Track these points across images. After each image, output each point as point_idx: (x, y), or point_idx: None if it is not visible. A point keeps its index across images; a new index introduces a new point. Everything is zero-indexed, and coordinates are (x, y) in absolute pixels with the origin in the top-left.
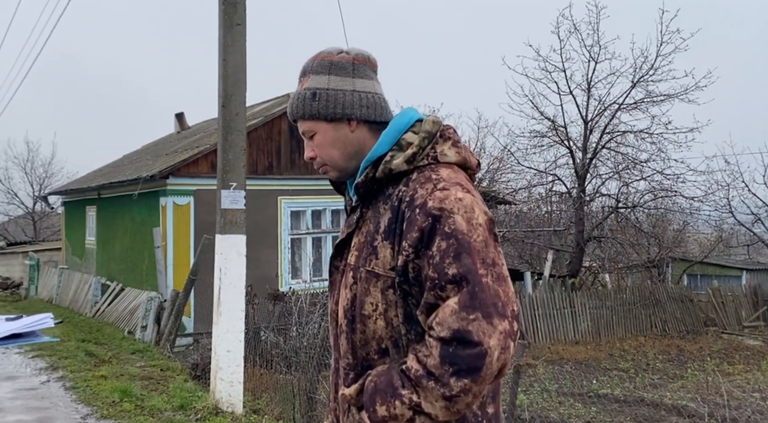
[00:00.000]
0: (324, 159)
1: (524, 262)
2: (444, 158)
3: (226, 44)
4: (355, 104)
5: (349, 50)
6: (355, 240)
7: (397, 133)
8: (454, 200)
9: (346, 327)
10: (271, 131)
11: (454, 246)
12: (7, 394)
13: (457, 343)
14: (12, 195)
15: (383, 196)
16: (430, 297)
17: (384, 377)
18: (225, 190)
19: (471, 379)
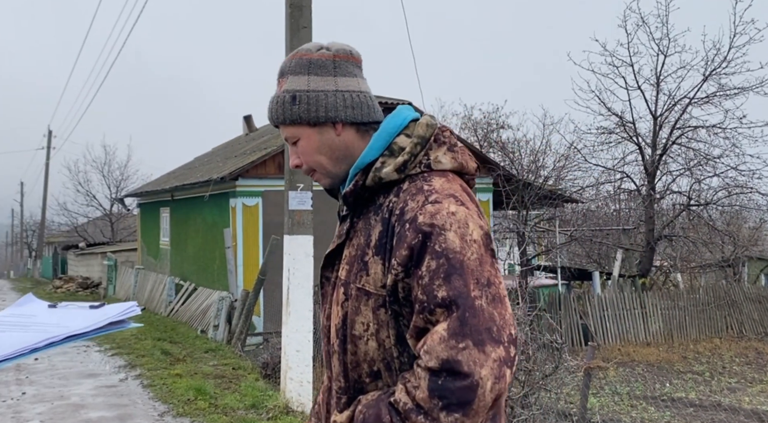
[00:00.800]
0: (312, 166)
1: (592, 261)
2: (438, 166)
3: (293, 47)
4: (339, 106)
5: (330, 46)
6: (346, 252)
7: (388, 136)
8: (446, 215)
9: (338, 347)
10: None
11: (445, 266)
12: (90, 391)
13: (446, 373)
14: (91, 197)
15: (374, 206)
16: (419, 321)
17: (373, 410)
18: (292, 192)
19: (462, 414)
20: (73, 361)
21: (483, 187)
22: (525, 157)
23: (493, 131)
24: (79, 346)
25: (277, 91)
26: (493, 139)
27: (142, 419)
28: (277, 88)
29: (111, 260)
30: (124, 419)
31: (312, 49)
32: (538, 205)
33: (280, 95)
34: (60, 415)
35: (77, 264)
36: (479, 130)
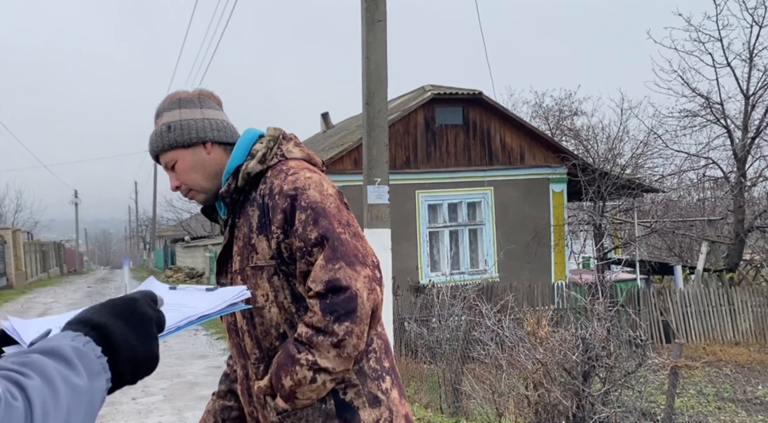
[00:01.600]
0: (189, 184)
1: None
2: (290, 154)
3: (369, 42)
4: (207, 128)
5: (195, 89)
6: (235, 248)
7: (246, 146)
8: (303, 179)
9: (246, 326)
10: (407, 125)
11: (312, 215)
12: (201, 371)
13: (331, 293)
14: None
15: (249, 201)
16: (302, 265)
17: (282, 353)
18: (370, 186)
19: (350, 321)
20: (185, 343)
21: (556, 177)
22: (601, 144)
23: (566, 118)
24: (189, 331)
25: (155, 128)
26: (566, 126)
27: None
28: (155, 127)
29: (212, 252)
30: None
31: (179, 92)
32: (615, 196)
33: (158, 129)
34: (178, 390)
35: (184, 255)
36: (551, 117)
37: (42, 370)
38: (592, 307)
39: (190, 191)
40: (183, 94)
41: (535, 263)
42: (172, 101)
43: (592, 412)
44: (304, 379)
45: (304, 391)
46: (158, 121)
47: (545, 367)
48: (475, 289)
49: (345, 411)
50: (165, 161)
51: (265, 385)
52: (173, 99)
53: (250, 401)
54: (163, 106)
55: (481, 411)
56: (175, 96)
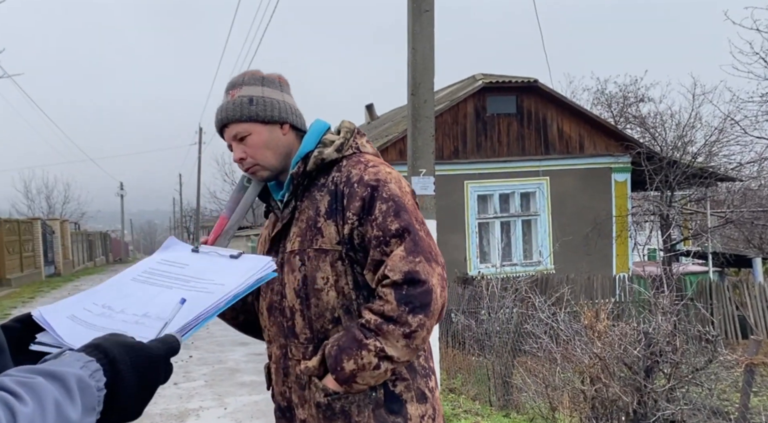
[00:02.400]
0: (258, 160)
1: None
2: (364, 149)
3: (415, 32)
4: (288, 111)
5: (273, 73)
6: (294, 229)
7: (318, 135)
8: (385, 173)
9: (299, 306)
10: (456, 115)
11: (393, 206)
12: (243, 358)
13: (407, 284)
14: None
15: (316, 187)
16: (377, 254)
17: (346, 337)
18: (415, 177)
19: (424, 314)
20: (227, 329)
21: (620, 166)
22: (670, 132)
23: (631, 105)
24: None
25: (228, 99)
26: (630, 113)
27: None
28: (228, 97)
29: (254, 242)
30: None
31: (260, 70)
32: (684, 185)
33: (236, 99)
34: (219, 376)
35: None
36: (614, 104)
37: (40, 396)
38: (656, 300)
39: (255, 166)
40: (265, 74)
41: (594, 255)
42: (254, 77)
43: (655, 408)
44: (369, 365)
45: (365, 376)
46: (233, 93)
47: (603, 362)
48: (528, 281)
49: (393, 402)
50: (236, 131)
51: (313, 366)
52: (255, 75)
53: (285, 381)
54: (242, 79)
55: (533, 405)
56: (257, 73)
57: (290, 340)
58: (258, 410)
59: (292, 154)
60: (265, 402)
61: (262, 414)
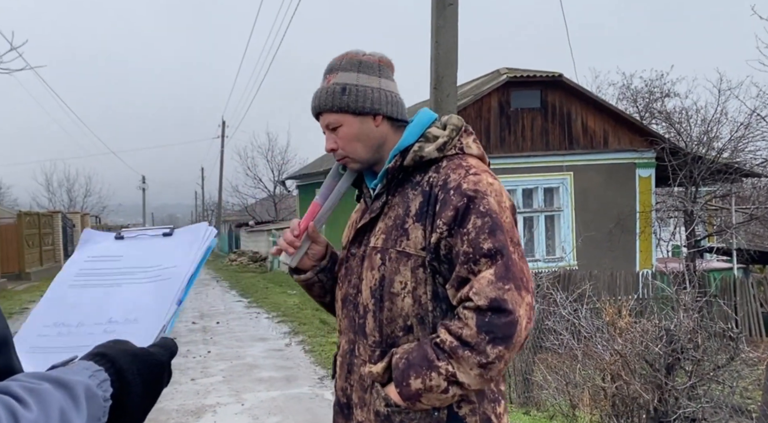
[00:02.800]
0: (346, 151)
1: None
2: (469, 150)
3: (438, 25)
4: (382, 100)
5: (373, 53)
6: (380, 225)
7: (422, 127)
8: (486, 184)
9: (373, 306)
10: (480, 110)
11: (489, 223)
12: (261, 354)
13: (492, 311)
14: (257, 180)
15: (410, 184)
16: (463, 271)
17: (417, 353)
18: None
19: (505, 346)
20: (246, 325)
21: (644, 161)
22: (695, 127)
23: (657, 100)
24: (251, 313)
25: (324, 84)
26: (656, 108)
27: (305, 381)
28: (325, 82)
29: (275, 237)
30: (290, 381)
31: (359, 52)
32: (709, 181)
33: (330, 86)
34: (237, 372)
35: (248, 240)
36: (639, 99)
37: (45, 403)
38: (678, 296)
39: (345, 158)
40: (363, 57)
41: (618, 251)
42: (351, 61)
43: (675, 406)
44: (436, 387)
45: (430, 398)
46: (330, 78)
47: (624, 359)
48: (550, 278)
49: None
50: (328, 121)
51: (377, 373)
52: (353, 59)
53: (348, 377)
54: (339, 64)
55: (553, 402)
56: (355, 56)
57: (359, 338)
58: (275, 406)
59: (386, 146)
60: (283, 398)
61: (279, 410)
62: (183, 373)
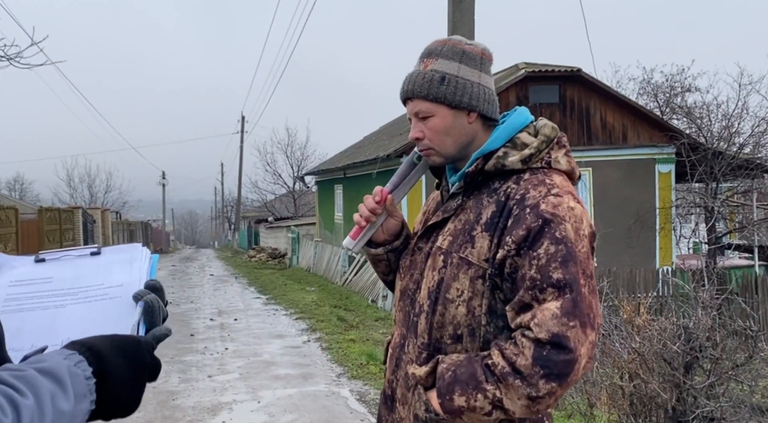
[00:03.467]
0: (433, 143)
1: None
2: (557, 165)
3: (455, 20)
4: (480, 97)
5: (476, 44)
6: (450, 226)
7: (512, 131)
8: (566, 208)
9: (427, 308)
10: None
11: (563, 252)
12: (278, 351)
13: (551, 346)
14: (277, 176)
15: (488, 190)
16: (527, 296)
17: (465, 369)
18: None
19: (558, 384)
20: (264, 322)
21: (664, 157)
22: (716, 122)
23: (677, 95)
24: (269, 310)
25: (421, 68)
26: (676, 104)
27: (321, 379)
28: (421, 66)
29: (294, 233)
30: (307, 378)
31: (463, 40)
32: (730, 177)
33: (428, 72)
34: (254, 369)
35: (267, 236)
36: (660, 94)
37: (37, 390)
38: (697, 294)
39: (429, 149)
40: (467, 47)
41: (637, 248)
42: (454, 50)
43: (694, 405)
44: (480, 409)
45: (472, 417)
46: (427, 62)
47: (642, 357)
48: None
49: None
50: (418, 108)
51: (420, 376)
52: (456, 47)
53: (395, 371)
54: (441, 50)
55: (571, 401)
56: (458, 44)
57: (410, 335)
58: (292, 404)
59: (473, 144)
60: (300, 396)
61: (295, 408)
62: (200, 370)
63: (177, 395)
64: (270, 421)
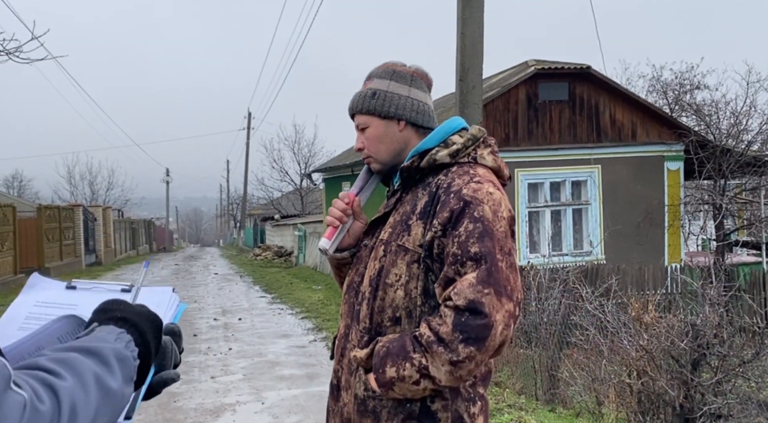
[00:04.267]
0: (370, 151)
1: None
2: (482, 161)
3: (464, 17)
4: (407, 108)
5: (411, 66)
6: (390, 219)
7: (445, 134)
8: (485, 193)
9: (369, 294)
10: (507, 102)
11: (480, 229)
12: (283, 350)
13: (469, 312)
14: (283, 173)
15: (422, 184)
16: (450, 271)
17: (396, 342)
18: None
19: (476, 348)
20: (269, 322)
21: (672, 155)
22: (724, 120)
23: (686, 93)
24: (275, 309)
25: (362, 88)
26: (685, 101)
27: (327, 379)
28: (363, 87)
29: (301, 231)
30: (312, 378)
31: (397, 63)
32: (738, 174)
33: (364, 91)
34: (258, 370)
35: (273, 234)
36: (669, 92)
37: (78, 370)
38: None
39: (368, 157)
40: (399, 68)
41: (646, 245)
42: (386, 70)
43: (701, 403)
44: (409, 378)
45: (402, 387)
46: (367, 84)
47: (650, 355)
48: (577, 272)
49: (427, 418)
50: (358, 122)
51: (361, 358)
52: (388, 68)
53: (339, 360)
54: (377, 72)
55: (579, 399)
56: (391, 66)
57: (353, 324)
58: (296, 405)
59: (407, 150)
60: (305, 396)
61: (300, 409)
62: (203, 371)
63: (178, 397)
64: (274, 422)
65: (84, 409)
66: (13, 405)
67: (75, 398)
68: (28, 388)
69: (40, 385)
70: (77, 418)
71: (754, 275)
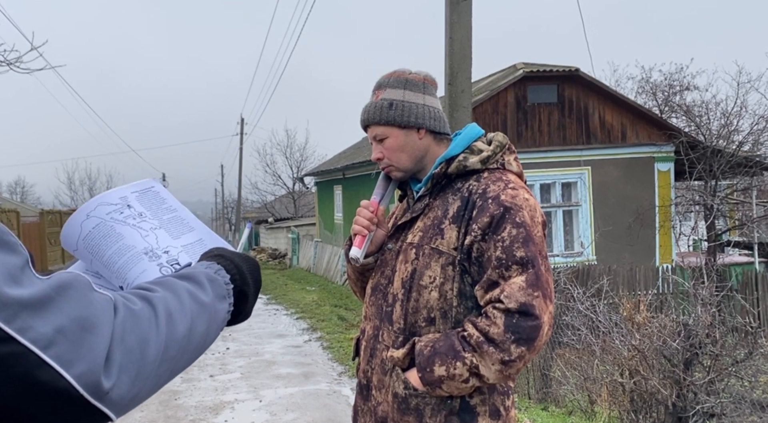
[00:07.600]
0: (392, 161)
1: None
2: (509, 166)
3: (452, 22)
4: (425, 116)
5: (419, 72)
6: (419, 223)
7: (469, 140)
8: (522, 199)
9: (402, 296)
10: (496, 105)
11: (523, 234)
12: (279, 350)
13: (519, 314)
14: (276, 177)
15: (452, 189)
16: (494, 275)
17: (444, 343)
18: None
19: (527, 348)
20: (265, 322)
21: (663, 156)
22: (714, 120)
23: (676, 94)
24: (270, 310)
25: (373, 99)
26: (675, 102)
27: (322, 378)
28: (373, 97)
29: (294, 233)
30: (308, 377)
31: (406, 71)
32: (729, 174)
33: (378, 101)
34: (256, 369)
35: (267, 237)
36: (659, 93)
37: (171, 286)
38: (696, 291)
39: (390, 166)
40: (410, 76)
41: (637, 246)
42: (399, 79)
43: (694, 402)
44: (459, 376)
45: (451, 385)
46: (378, 93)
47: (642, 354)
48: (568, 273)
49: (467, 413)
50: (375, 133)
51: (398, 358)
52: (400, 77)
53: (370, 360)
54: (388, 81)
55: (571, 398)
56: (402, 75)
57: (384, 325)
58: (293, 403)
59: (427, 157)
60: (301, 394)
61: (297, 407)
62: (202, 370)
63: (179, 395)
64: (272, 419)
65: (180, 314)
66: (103, 301)
67: (169, 305)
68: (117, 295)
69: (134, 295)
70: (174, 322)
71: (747, 275)
